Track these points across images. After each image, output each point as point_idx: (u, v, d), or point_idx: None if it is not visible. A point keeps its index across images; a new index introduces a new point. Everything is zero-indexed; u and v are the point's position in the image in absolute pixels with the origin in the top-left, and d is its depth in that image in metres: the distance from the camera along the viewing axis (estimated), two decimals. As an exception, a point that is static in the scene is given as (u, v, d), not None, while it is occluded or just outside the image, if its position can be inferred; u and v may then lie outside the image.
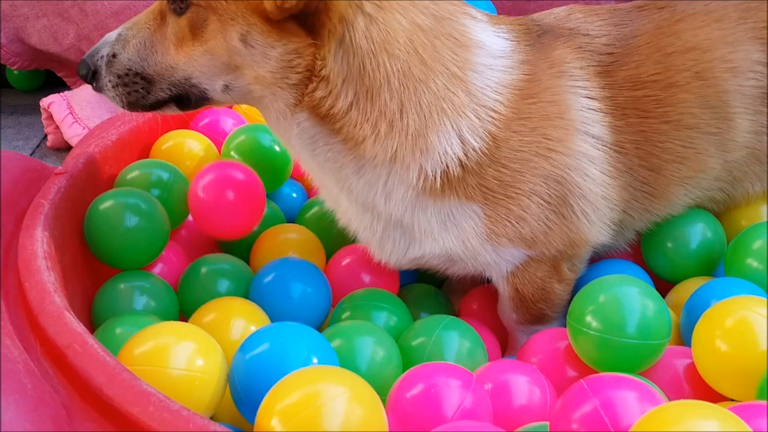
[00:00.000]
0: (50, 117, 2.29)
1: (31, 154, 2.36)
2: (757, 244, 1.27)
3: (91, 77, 1.19)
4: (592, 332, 1.06)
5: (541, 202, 1.24)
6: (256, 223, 1.47)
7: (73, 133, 2.22)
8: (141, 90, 1.17)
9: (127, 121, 1.60)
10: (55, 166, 1.44)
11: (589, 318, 1.06)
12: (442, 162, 1.19)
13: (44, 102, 2.30)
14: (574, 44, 1.32)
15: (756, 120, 1.34)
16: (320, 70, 1.11)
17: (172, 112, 1.21)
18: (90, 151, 1.46)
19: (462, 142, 1.19)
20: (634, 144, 1.31)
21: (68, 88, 2.61)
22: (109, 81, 1.18)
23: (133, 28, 1.18)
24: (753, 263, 1.27)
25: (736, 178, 1.39)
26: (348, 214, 1.33)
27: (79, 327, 1.02)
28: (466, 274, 1.36)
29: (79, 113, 2.24)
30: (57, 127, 2.28)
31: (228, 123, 1.75)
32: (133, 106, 1.19)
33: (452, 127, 1.18)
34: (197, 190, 1.44)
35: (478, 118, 1.20)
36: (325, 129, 1.16)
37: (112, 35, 1.19)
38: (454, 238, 1.26)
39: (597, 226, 1.31)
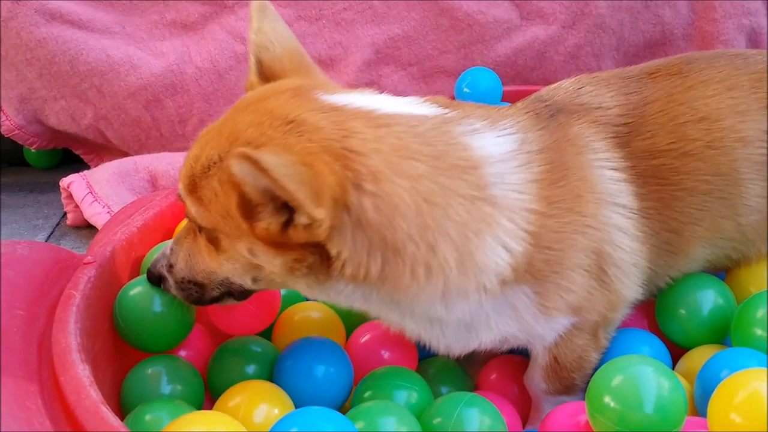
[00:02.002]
0: (70, 196, 2.36)
1: (51, 233, 2.43)
2: (761, 312, 1.31)
3: (158, 281, 1.35)
4: (609, 423, 1.08)
5: (583, 272, 1.29)
6: (269, 323, 1.51)
7: (93, 212, 2.28)
8: (196, 293, 1.31)
9: (150, 206, 1.66)
10: (83, 255, 1.50)
11: (606, 399, 1.09)
12: (496, 272, 1.21)
13: (64, 182, 2.37)
14: (590, 119, 1.37)
15: (766, 186, 1.39)
16: (340, 257, 1.13)
17: (231, 302, 1.34)
18: (116, 238, 1.52)
19: (507, 249, 1.21)
20: (655, 210, 1.36)
21: (85, 164, 2.69)
22: (172, 284, 1.32)
23: (179, 242, 1.32)
24: (758, 332, 1.31)
25: (749, 239, 1.45)
26: (415, 331, 1.33)
27: (115, 422, 1.06)
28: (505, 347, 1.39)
29: (98, 192, 2.30)
30: (77, 206, 2.34)
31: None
32: (195, 303, 1.34)
33: (493, 239, 1.20)
34: None
35: (513, 223, 1.21)
36: (369, 286, 1.19)
37: (168, 247, 1.34)
38: (510, 321, 1.29)
39: (630, 288, 1.36)
